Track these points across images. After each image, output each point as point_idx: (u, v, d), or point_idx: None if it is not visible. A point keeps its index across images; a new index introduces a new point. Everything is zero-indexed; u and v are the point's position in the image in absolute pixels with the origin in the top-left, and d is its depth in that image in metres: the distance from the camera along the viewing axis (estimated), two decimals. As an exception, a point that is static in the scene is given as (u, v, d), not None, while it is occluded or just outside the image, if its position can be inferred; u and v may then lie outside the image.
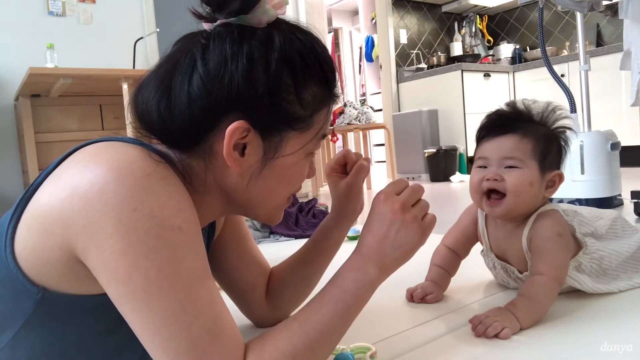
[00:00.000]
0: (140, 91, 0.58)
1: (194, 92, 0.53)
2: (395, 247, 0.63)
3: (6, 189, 3.11)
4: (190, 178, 0.57)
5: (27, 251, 0.50)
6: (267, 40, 0.54)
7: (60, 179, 0.50)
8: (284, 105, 0.56)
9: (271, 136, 0.57)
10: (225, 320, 0.52)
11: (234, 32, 0.54)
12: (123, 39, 3.47)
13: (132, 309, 0.48)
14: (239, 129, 0.54)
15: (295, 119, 0.57)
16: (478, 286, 1.11)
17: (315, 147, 0.62)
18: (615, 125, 2.52)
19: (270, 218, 0.67)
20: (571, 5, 2.19)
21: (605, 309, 0.91)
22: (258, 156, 0.57)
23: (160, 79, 0.56)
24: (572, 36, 4.79)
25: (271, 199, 0.63)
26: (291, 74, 0.55)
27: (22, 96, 2.84)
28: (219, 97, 0.53)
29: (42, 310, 0.52)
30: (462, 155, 4.29)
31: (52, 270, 0.50)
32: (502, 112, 0.97)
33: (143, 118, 0.57)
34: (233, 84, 0.53)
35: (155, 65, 0.58)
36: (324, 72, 0.59)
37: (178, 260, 0.48)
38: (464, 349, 0.79)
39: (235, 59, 0.53)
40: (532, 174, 0.90)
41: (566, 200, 2.14)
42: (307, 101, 0.58)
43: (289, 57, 0.55)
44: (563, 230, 0.92)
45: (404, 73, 4.91)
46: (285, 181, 0.62)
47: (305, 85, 0.57)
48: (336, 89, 0.62)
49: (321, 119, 0.61)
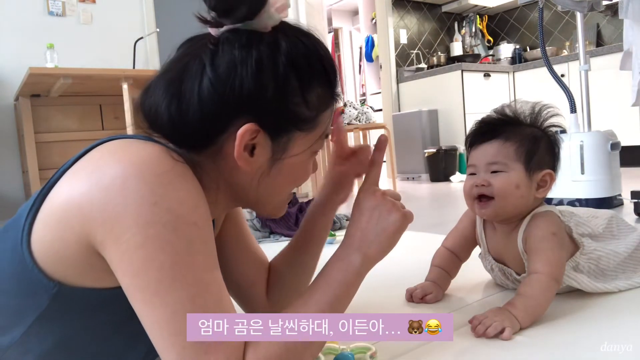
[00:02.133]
0: (148, 94, 0.59)
1: (204, 96, 0.55)
2: (377, 232, 0.65)
3: (6, 189, 3.11)
4: (201, 176, 0.58)
5: (44, 246, 0.51)
6: (274, 45, 0.56)
7: (80, 175, 0.51)
8: (291, 107, 0.58)
9: (279, 137, 0.59)
10: None
11: (242, 38, 0.55)
12: (123, 39, 3.47)
13: (143, 300, 0.49)
14: (249, 130, 0.56)
15: (302, 120, 0.59)
16: (478, 286, 1.11)
17: (320, 146, 0.65)
18: (615, 125, 2.51)
19: (275, 212, 0.69)
20: (571, 5, 2.19)
21: (605, 309, 0.91)
22: (267, 156, 0.59)
23: (169, 82, 0.57)
24: (572, 36, 4.79)
25: (277, 195, 0.66)
26: (297, 76, 0.57)
27: (22, 96, 2.84)
28: (230, 100, 0.55)
29: (56, 305, 0.53)
30: (462, 155, 4.29)
31: (69, 264, 0.51)
32: (487, 118, 0.99)
33: (153, 120, 0.58)
34: (243, 88, 0.54)
35: (162, 68, 0.59)
36: (327, 73, 0.61)
37: (192, 254, 0.50)
38: (464, 349, 0.79)
39: (245, 63, 0.54)
40: (517, 176, 0.92)
41: (566, 200, 2.14)
42: (313, 102, 0.59)
43: (296, 60, 0.57)
44: (557, 230, 0.93)
45: (404, 73, 4.91)
46: (292, 179, 0.65)
47: (311, 87, 0.59)
48: (338, 88, 0.64)
49: (326, 118, 0.63)
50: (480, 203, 0.95)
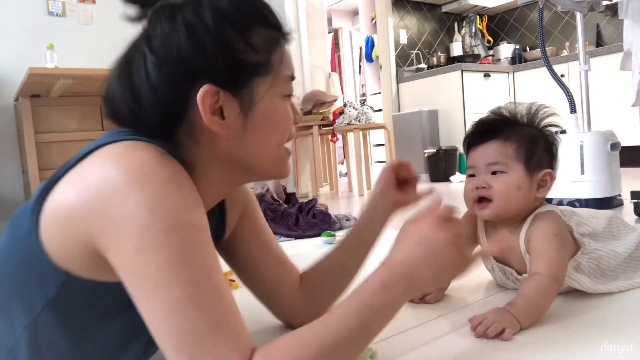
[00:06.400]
0: (106, 96, 0.61)
1: (152, 78, 0.56)
2: (433, 274, 0.61)
3: (6, 189, 3.10)
4: (189, 160, 0.59)
5: (52, 239, 0.53)
6: (197, 4, 0.57)
7: (84, 178, 0.53)
8: (238, 55, 0.58)
9: (240, 90, 0.59)
10: (232, 317, 0.52)
11: (165, 11, 0.57)
12: (123, 39, 3.46)
13: (145, 298, 0.51)
14: (207, 92, 0.56)
15: (254, 64, 0.59)
16: (478, 286, 1.11)
17: (287, 89, 0.64)
18: (615, 125, 2.52)
19: (277, 171, 0.67)
20: (571, 6, 2.19)
21: (605, 309, 0.91)
22: (236, 112, 0.59)
23: (119, 78, 0.59)
24: (572, 36, 4.79)
25: (267, 151, 0.64)
26: (231, 25, 0.58)
27: (22, 96, 2.84)
28: (176, 72, 0.56)
29: (64, 293, 0.55)
30: (462, 156, 4.29)
31: (76, 259, 0.54)
32: (485, 119, 0.99)
33: (118, 118, 0.60)
34: (183, 54, 0.55)
35: (111, 69, 0.61)
36: (263, 15, 0.61)
37: (188, 255, 0.51)
38: (464, 349, 0.79)
39: (175, 31, 0.56)
40: (518, 176, 0.92)
41: (566, 200, 2.14)
42: (259, 45, 0.60)
43: (223, 11, 0.57)
44: (560, 230, 0.92)
45: (404, 73, 4.91)
46: (272, 127, 0.63)
47: (250, 31, 0.59)
48: (285, 27, 0.64)
49: (279, 57, 0.62)
50: (480, 204, 0.95)
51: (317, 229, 2.03)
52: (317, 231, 2.01)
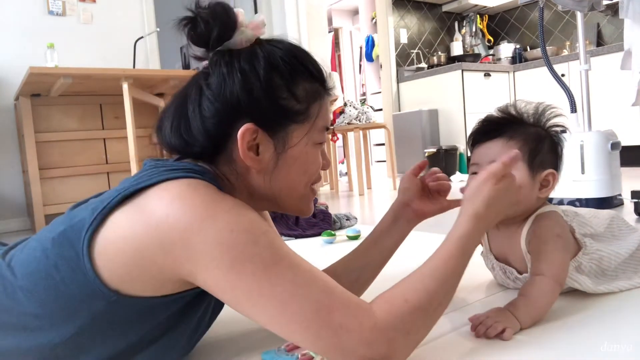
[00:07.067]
0: (161, 126, 0.70)
1: (205, 111, 0.65)
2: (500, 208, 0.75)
3: (6, 189, 3.10)
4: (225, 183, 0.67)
5: (112, 265, 0.58)
6: (252, 55, 0.66)
7: (152, 215, 0.57)
8: (281, 102, 0.67)
9: (277, 132, 0.67)
10: (331, 281, 0.60)
11: (225, 56, 0.66)
12: (123, 39, 3.47)
13: (252, 305, 0.57)
14: (248, 130, 0.64)
15: (294, 112, 0.68)
16: (479, 285, 1.11)
17: (320, 138, 0.72)
18: (616, 125, 2.51)
19: (299, 209, 0.75)
20: (571, 5, 2.19)
21: (606, 309, 0.91)
22: (270, 151, 0.68)
23: (175, 109, 0.69)
24: (572, 36, 4.79)
25: (293, 189, 0.71)
26: (279, 75, 0.66)
27: (22, 96, 2.84)
28: (226, 109, 0.65)
29: (111, 309, 0.59)
30: (462, 155, 4.29)
31: (139, 283, 0.59)
32: (491, 117, 0.98)
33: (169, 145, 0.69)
34: (234, 95, 0.64)
35: (170, 101, 0.71)
36: (308, 69, 0.70)
37: (276, 254, 0.57)
38: (464, 348, 0.79)
39: (231, 75, 0.65)
40: (520, 175, 0.91)
41: (566, 200, 2.14)
42: (301, 95, 0.68)
43: (273, 62, 0.66)
44: (562, 231, 0.92)
45: (404, 73, 4.91)
46: (301, 170, 0.71)
47: (295, 82, 0.68)
48: (328, 82, 0.72)
49: (317, 108, 0.70)
50: None
51: (317, 229, 2.03)
52: (318, 230, 2.01)
